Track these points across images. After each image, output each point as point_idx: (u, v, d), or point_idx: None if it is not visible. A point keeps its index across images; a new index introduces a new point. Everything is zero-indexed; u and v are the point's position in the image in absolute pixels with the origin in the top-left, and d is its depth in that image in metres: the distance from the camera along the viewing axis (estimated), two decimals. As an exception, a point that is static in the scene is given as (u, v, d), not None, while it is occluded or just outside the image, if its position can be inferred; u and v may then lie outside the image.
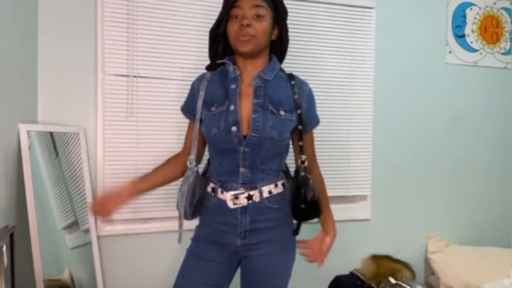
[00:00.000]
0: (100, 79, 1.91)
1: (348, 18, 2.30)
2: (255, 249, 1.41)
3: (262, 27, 1.35)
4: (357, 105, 2.33)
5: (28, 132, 1.64)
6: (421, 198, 2.52)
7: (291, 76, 1.46)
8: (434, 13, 2.53)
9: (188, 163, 1.44)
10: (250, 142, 1.35)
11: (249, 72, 1.41)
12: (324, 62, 2.26)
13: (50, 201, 1.69)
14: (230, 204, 1.39)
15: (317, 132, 2.22)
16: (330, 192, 2.27)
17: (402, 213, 2.48)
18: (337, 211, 2.36)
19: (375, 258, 2.25)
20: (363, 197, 2.40)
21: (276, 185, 1.43)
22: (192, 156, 1.44)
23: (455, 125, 2.58)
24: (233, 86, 1.38)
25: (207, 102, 1.41)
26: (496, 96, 2.68)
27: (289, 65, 2.18)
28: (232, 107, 1.36)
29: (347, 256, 2.32)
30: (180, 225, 1.45)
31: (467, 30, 2.60)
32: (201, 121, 1.43)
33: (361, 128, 2.34)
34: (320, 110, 2.23)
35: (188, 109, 1.49)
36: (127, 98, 1.94)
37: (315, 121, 1.52)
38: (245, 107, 1.37)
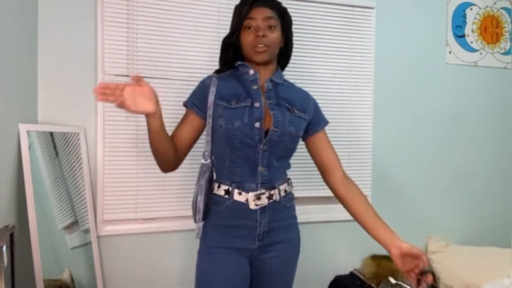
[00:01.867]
0: (100, 79, 1.91)
1: (348, 18, 2.30)
2: (269, 251, 1.43)
3: (275, 38, 1.42)
4: (357, 105, 2.33)
5: (28, 132, 1.63)
6: (421, 198, 2.52)
7: (294, 85, 1.57)
8: (434, 13, 2.53)
9: (202, 159, 1.42)
10: (271, 138, 1.37)
11: (262, 76, 1.46)
12: (324, 62, 2.26)
13: (50, 201, 1.69)
14: (252, 205, 1.38)
15: (317, 132, 2.24)
16: (330, 192, 2.28)
17: (402, 213, 2.48)
18: (337, 211, 2.37)
19: (375, 258, 2.24)
20: (363, 197, 2.39)
21: (288, 184, 1.49)
22: (206, 152, 1.41)
23: (455, 125, 2.58)
24: (255, 87, 1.43)
25: (224, 98, 1.40)
26: (496, 96, 2.68)
27: (289, 64, 2.18)
28: (257, 104, 1.39)
29: (347, 256, 2.33)
30: (198, 220, 1.41)
31: (467, 30, 2.60)
32: (214, 117, 1.39)
33: (361, 128, 2.34)
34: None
35: (196, 104, 1.44)
36: (127, 98, 1.94)
37: (323, 122, 1.56)
38: (265, 106, 1.42)
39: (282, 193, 1.44)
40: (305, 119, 1.48)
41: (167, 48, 2.00)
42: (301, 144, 2.20)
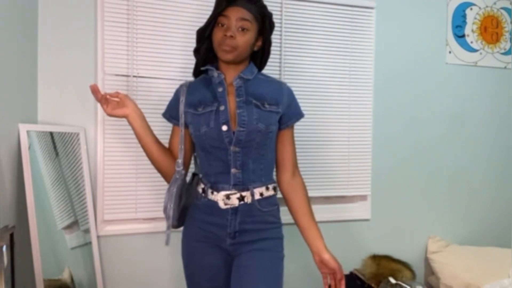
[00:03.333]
0: (100, 79, 1.91)
1: (348, 18, 2.30)
2: (245, 246, 1.42)
3: (244, 40, 1.40)
4: (357, 105, 2.33)
5: (28, 132, 1.64)
6: (421, 198, 2.52)
7: (268, 77, 1.54)
8: (434, 13, 2.53)
9: (176, 166, 1.47)
10: (239, 138, 1.38)
11: (231, 74, 1.46)
12: (324, 62, 2.26)
13: (50, 201, 1.69)
14: (221, 204, 1.41)
15: (317, 132, 2.25)
16: (330, 192, 2.30)
17: (402, 213, 2.48)
18: (337, 211, 2.39)
19: (375, 258, 2.24)
20: (363, 197, 2.40)
21: (267, 188, 1.46)
22: (179, 160, 1.47)
23: (455, 125, 2.58)
24: (220, 89, 1.43)
25: (192, 105, 1.45)
26: (496, 96, 2.68)
27: (289, 65, 2.19)
28: (222, 107, 1.40)
29: (347, 256, 2.32)
30: (168, 227, 1.48)
31: (467, 30, 2.60)
32: (186, 125, 1.48)
33: (361, 128, 2.34)
34: (321, 110, 2.26)
35: (172, 115, 1.53)
36: (127, 98, 1.94)
37: (295, 118, 1.51)
38: (232, 107, 1.42)
39: (257, 196, 1.42)
40: (277, 112, 1.44)
41: (167, 48, 2.00)
42: (298, 145, 2.21)
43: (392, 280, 2.11)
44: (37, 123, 1.82)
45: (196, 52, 1.52)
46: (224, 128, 1.38)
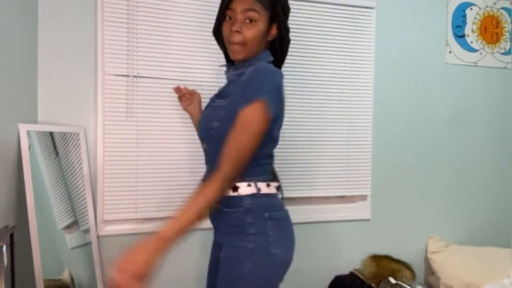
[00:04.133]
0: (100, 79, 1.91)
1: (348, 18, 2.30)
2: (220, 245, 1.38)
3: (252, 33, 1.29)
4: (357, 105, 2.33)
5: (28, 132, 1.63)
6: (421, 198, 2.52)
7: (258, 64, 1.32)
8: (434, 13, 2.53)
9: None
10: (200, 136, 1.43)
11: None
12: (324, 62, 2.26)
13: (50, 201, 1.69)
14: None
15: (317, 132, 2.25)
16: (330, 192, 2.30)
17: (402, 213, 2.48)
18: (337, 211, 2.39)
19: (375, 258, 2.24)
20: (363, 197, 2.40)
21: (234, 188, 1.29)
22: None
23: (455, 125, 2.58)
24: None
25: None
26: (496, 96, 2.68)
27: (289, 65, 2.18)
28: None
29: (347, 256, 2.33)
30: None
31: (467, 30, 2.60)
32: None
33: (361, 128, 2.34)
34: (321, 110, 2.26)
35: None
36: (127, 98, 1.94)
37: (245, 102, 1.21)
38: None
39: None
40: (223, 106, 1.30)
41: (167, 48, 2.00)
42: (298, 145, 2.22)
43: (392, 280, 2.11)
44: (37, 123, 1.82)
45: (224, 52, 1.44)
46: (199, 127, 1.43)
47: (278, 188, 1.38)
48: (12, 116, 1.57)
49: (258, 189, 1.31)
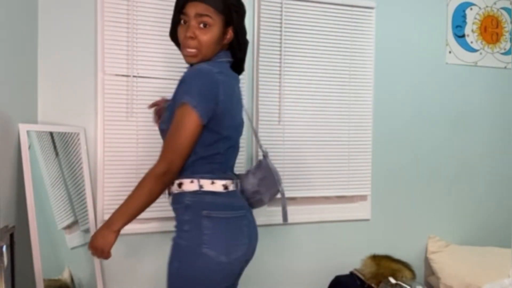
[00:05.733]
0: (100, 79, 1.91)
1: (348, 18, 2.30)
2: None
3: (207, 38, 1.29)
4: (357, 105, 2.33)
5: (28, 132, 1.63)
6: (421, 198, 2.52)
7: (202, 67, 1.34)
8: (434, 13, 2.53)
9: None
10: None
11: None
12: (324, 62, 2.26)
13: (50, 201, 1.69)
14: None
15: (317, 132, 2.25)
16: (330, 192, 2.30)
17: (402, 213, 2.48)
18: (337, 211, 2.39)
19: (375, 258, 2.24)
20: (363, 197, 2.40)
21: (179, 186, 1.33)
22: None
23: (455, 125, 2.58)
24: None
25: None
26: (496, 96, 2.68)
27: (289, 65, 2.19)
28: None
29: (347, 256, 2.32)
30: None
31: (467, 30, 2.60)
32: None
33: (361, 128, 2.34)
34: (321, 110, 2.26)
35: None
36: (127, 98, 1.94)
37: (176, 104, 1.27)
38: None
39: (170, 191, 1.36)
40: (167, 108, 1.35)
41: (167, 48, 1.99)
42: (298, 145, 2.22)
43: (392, 280, 2.11)
44: (37, 123, 1.82)
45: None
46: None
47: (228, 186, 1.35)
48: (12, 116, 1.57)
49: (200, 186, 1.31)
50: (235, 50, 1.39)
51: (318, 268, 2.30)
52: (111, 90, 1.92)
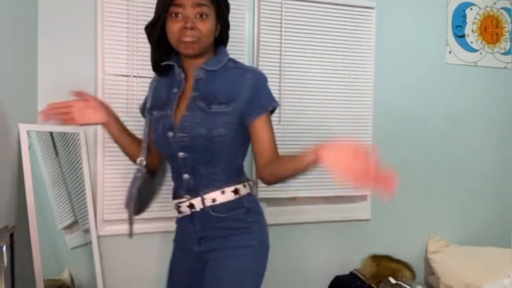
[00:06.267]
0: (100, 79, 1.91)
1: (348, 18, 2.30)
2: (213, 254, 1.33)
3: (206, 28, 1.25)
4: (357, 105, 2.33)
5: (28, 132, 1.64)
6: (421, 198, 2.52)
7: (238, 64, 1.35)
8: (434, 13, 2.53)
9: (137, 162, 1.38)
10: (183, 144, 1.27)
11: (193, 69, 1.32)
12: (324, 62, 2.26)
13: (50, 201, 1.69)
14: (176, 212, 1.37)
15: (317, 132, 2.24)
16: (330, 192, 2.30)
17: (402, 213, 2.48)
18: (337, 211, 2.39)
19: (375, 258, 2.24)
20: (363, 197, 2.40)
21: (223, 192, 1.30)
22: (142, 158, 1.37)
23: (455, 125, 2.58)
24: (175, 90, 1.31)
25: (151, 106, 1.37)
26: (496, 96, 2.68)
27: (289, 65, 2.19)
28: (168, 112, 1.29)
29: (347, 256, 2.33)
30: (131, 223, 1.45)
31: (467, 30, 2.60)
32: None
33: (361, 128, 2.34)
34: (321, 110, 2.26)
35: (143, 111, 1.47)
36: (127, 98, 1.94)
37: (261, 109, 1.29)
38: (182, 109, 1.29)
39: (209, 202, 1.29)
40: (225, 113, 1.27)
41: (167, 48, 2.00)
42: (298, 145, 2.22)
43: (392, 280, 2.11)
44: (37, 123, 1.82)
45: (155, 46, 1.33)
46: (170, 134, 1.28)
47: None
48: (12, 116, 1.57)
49: (251, 189, 1.37)
50: (225, 42, 1.37)
51: (318, 268, 2.30)
52: (111, 90, 1.92)
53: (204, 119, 1.26)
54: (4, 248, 1.30)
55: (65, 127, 1.84)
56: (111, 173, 1.93)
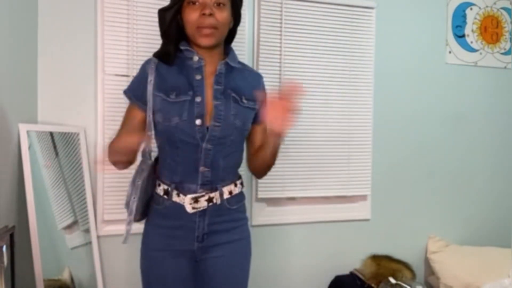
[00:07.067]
0: (100, 79, 1.91)
1: (348, 18, 2.30)
2: (211, 251, 1.32)
3: (224, 17, 1.26)
4: (357, 105, 2.33)
5: (28, 132, 1.63)
6: (421, 198, 2.52)
7: (245, 66, 1.42)
8: (434, 13, 2.53)
9: (141, 155, 1.32)
10: (213, 134, 1.25)
11: (208, 60, 1.31)
12: (324, 62, 2.26)
13: (50, 201, 1.69)
14: (189, 208, 1.28)
15: (317, 132, 2.25)
16: (330, 192, 2.30)
17: (402, 213, 2.48)
18: (337, 211, 2.39)
19: (375, 258, 2.24)
20: (363, 197, 2.40)
21: (235, 185, 1.35)
22: (147, 148, 1.31)
23: (455, 125, 2.58)
24: (198, 77, 1.28)
25: (162, 89, 1.28)
26: (496, 96, 2.68)
27: (289, 65, 2.19)
28: (198, 99, 1.25)
29: (347, 256, 2.32)
30: (129, 222, 1.36)
31: (467, 30, 2.60)
32: (153, 111, 1.29)
33: (361, 128, 2.34)
34: (321, 110, 2.26)
35: (136, 95, 1.33)
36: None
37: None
38: (208, 98, 1.28)
39: (226, 195, 1.31)
40: (253, 109, 1.33)
41: (167, 48, 1.99)
42: (298, 145, 2.22)
43: (392, 280, 2.11)
44: (37, 123, 1.82)
45: (165, 34, 1.34)
46: (198, 122, 1.24)
47: None
48: (12, 116, 1.57)
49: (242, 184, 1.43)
50: (231, 39, 1.40)
51: (318, 268, 2.30)
52: (111, 90, 1.92)
53: (239, 112, 1.30)
54: (4, 248, 1.30)
55: (65, 127, 1.84)
56: (111, 173, 1.93)
